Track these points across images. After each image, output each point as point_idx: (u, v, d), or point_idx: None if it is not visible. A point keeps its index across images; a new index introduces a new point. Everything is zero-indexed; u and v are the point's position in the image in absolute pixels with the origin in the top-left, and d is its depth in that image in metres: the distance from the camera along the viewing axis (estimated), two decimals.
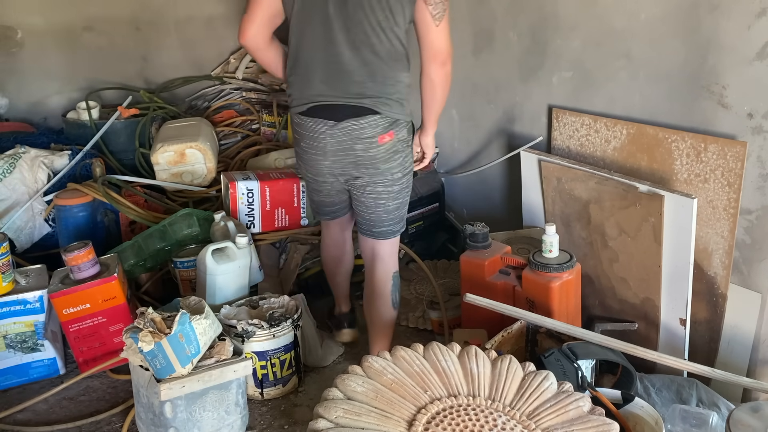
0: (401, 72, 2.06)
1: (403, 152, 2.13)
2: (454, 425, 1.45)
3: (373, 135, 2.04)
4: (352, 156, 2.08)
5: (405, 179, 2.16)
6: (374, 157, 2.07)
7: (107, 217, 2.80)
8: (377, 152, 2.06)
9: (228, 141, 3.42)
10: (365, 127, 2.03)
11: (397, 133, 2.08)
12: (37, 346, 2.31)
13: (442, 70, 2.06)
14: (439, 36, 2.01)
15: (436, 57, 2.03)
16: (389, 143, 2.07)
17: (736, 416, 1.61)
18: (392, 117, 2.06)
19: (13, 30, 3.58)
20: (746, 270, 2.09)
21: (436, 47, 2.02)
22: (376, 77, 2.02)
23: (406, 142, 2.13)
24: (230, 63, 3.70)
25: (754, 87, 1.95)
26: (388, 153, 2.08)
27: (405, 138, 2.12)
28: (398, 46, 2.03)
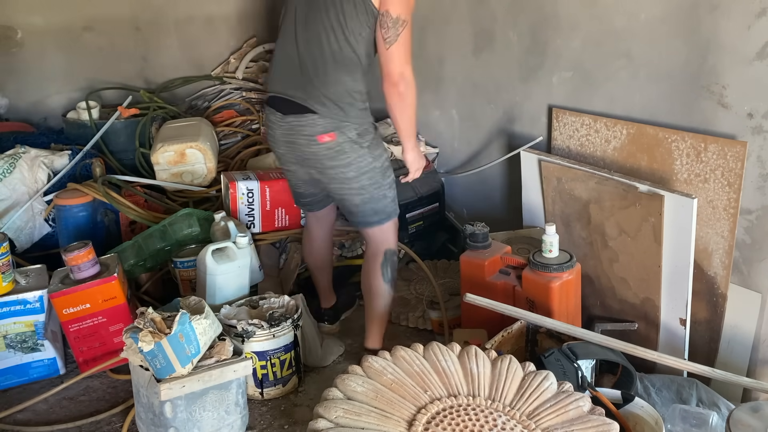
0: (345, 75, 2.08)
1: (353, 153, 2.11)
2: (454, 425, 1.45)
3: (312, 133, 2.09)
4: (297, 150, 2.16)
5: (364, 178, 2.15)
6: (316, 154, 2.12)
7: (107, 217, 2.80)
8: (318, 150, 2.11)
9: (228, 141, 3.42)
10: (305, 125, 2.10)
11: (341, 134, 2.09)
12: (37, 346, 2.31)
13: (393, 90, 2.09)
14: (389, 58, 2.06)
15: (386, 77, 2.09)
16: (331, 143, 2.09)
17: (736, 416, 1.61)
18: (330, 118, 2.07)
19: (13, 30, 3.58)
20: (746, 270, 2.09)
21: (385, 68, 2.08)
22: (318, 77, 2.08)
23: (357, 143, 2.11)
24: (230, 63, 3.70)
25: (754, 87, 1.95)
26: (332, 152, 2.10)
27: (354, 139, 2.10)
28: (347, 50, 2.06)
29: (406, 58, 2.08)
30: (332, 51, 2.07)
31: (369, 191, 2.18)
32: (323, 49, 2.07)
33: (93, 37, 3.65)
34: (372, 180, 2.17)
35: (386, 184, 2.21)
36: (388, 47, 2.05)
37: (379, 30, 2.06)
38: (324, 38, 2.06)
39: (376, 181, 2.18)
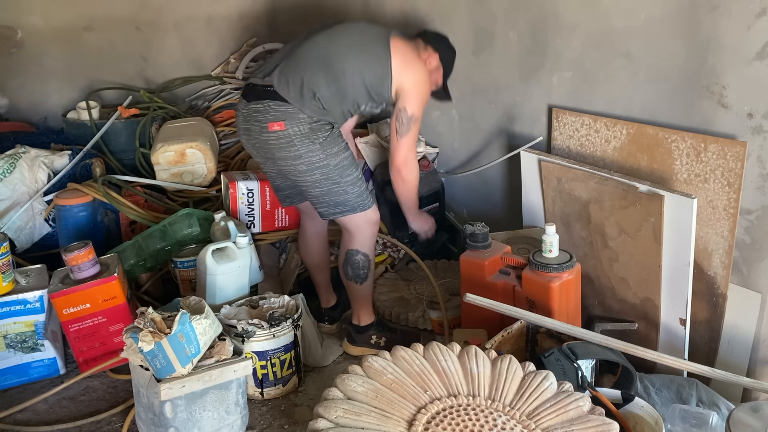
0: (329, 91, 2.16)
1: (303, 147, 2.13)
2: (454, 425, 1.45)
3: (264, 120, 2.14)
4: (253, 138, 2.21)
5: (317, 173, 2.17)
6: (266, 142, 2.17)
7: (107, 217, 2.80)
8: (268, 138, 2.15)
9: (228, 141, 3.42)
10: (260, 111, 2.15)
11: (290, 125, 2.11)
12: (37, 346, 2.31)
13: (397, 175, 2.37)
14: (398, 147, 2.31)
15: (392, 161, 2.35)
16: (280, 132, 2.12)
17: (736, 416, 1.61)
18: (286, 106, 2.11)
19: (13, 30, 3.58)
20: (746, 270, 2.09)
21: (393, 153, 2.33)
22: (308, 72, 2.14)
23: (308, 138, 2.13)
24: (230, 63, 3.70)
25: (754, 87, 1.95)
26: (281, 142, 2.14)
27: (304, 133, 2.13)
28: (350, 87, 2.18)
29: (411, 148, 2.33)
30: (336, 75, 2.16)
31: (325, 185, 2.21)
32: (330, 69, 2.15)
33: (93, 37, 3.65)
34: (326, 176, 2.19)
35: (346, 182, 2.22)
36: (399, 138, 2.29)
37: (393, 120, 2.29)
38: (339, 67, 2.16)
39: (331, 178, 2.20)
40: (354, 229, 2.30)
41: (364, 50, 2.22)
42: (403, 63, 2.24)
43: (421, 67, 2.31)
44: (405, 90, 2.25)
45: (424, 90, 2.32)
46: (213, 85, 3.70)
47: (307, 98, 2.12)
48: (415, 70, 2.28)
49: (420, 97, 2.29)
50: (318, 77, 2.14)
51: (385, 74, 2.21)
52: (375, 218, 2.32)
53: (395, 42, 2.25)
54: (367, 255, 2.34)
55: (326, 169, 2.17)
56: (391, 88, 2.24)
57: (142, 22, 3.68)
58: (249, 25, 3.80)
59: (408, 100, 2.26)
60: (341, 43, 2.22)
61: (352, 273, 2.35)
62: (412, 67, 2.27)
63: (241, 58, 3.63)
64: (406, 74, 2.24)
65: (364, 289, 2.39)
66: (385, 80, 2.22)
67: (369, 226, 2.31)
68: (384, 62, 2.21)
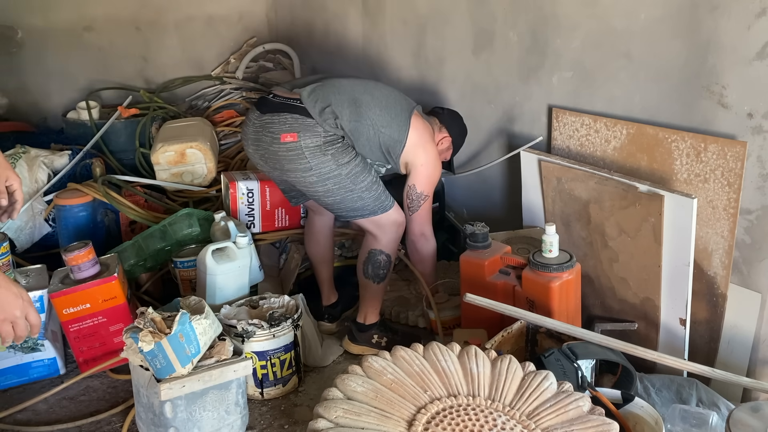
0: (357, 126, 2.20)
1: (314, 159, 2.14)
2: (453, 425, 1.45)
3: (278, 131, 2.15)
4: (261, 148, 2.22)
5: (329, 183, 2.18)
6: (276, 153, 2.17)
7: (107, 217, 2.80)
8: (278, 149, 2.16)
9: (228, 141, 3.42)
10: (274, 122, 2.17)
11: (304, 137, 2.12)
12: (37, 346, 2.31)
13: (413, 246, 2.45)
14: (412, 221, 2.38)
15: (408, 233, 2.42)
16: (291, 144, 2.13)
17: (736, 416, 1.61)
18: (303, 119, 2.13)
19: (13, 30, 3.58)
20: (746, 270, 2.09)
21: (408, 226, 2.40)
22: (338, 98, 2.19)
23: (320, 151, 2.14)
24: (230, 63, 3.71)
25: (754, 87, 1.95)
26: (292, 154, 2.14)
27: (317, 145, 2.13)
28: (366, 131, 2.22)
29: (426, 221, 2.40)
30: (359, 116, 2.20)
31: (339, 194, 2.21)
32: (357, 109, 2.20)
33: (93, 37, 3.65)
34: (339, 185, 2.19)
35: (360, 188, 2.22)
36: (411, 214, 2.37)
37: (404, 198, 2.36)
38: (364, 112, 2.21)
39: (344, 186, 2.20)
40: (377, 230, 2.31)
41: (390, 111, 2.27)
42: (418, 142, 2.30)
43: (432, 149, 2.37)
44: (416, 168, 2.32)
45: (433, 171, 2.36)
46: (213, 85, 3.70)
47: (329, 118, 2.15)
48: (428, 152, 2.34)
49: (428, 177, 2.34)
50: (344, 109, 2.18)
51: (400, 141, 2.27)
52: (399, 219, 2.33)
53: (416, 119, 2.32)
54: (389, 256, 2.35)
55: (338, 179, 2.18)
56: (400, 155, 2.29)
57: (142, 22, 3.68)
58: (249, 25, 3.80)
59: (417, 179, 2.32)
60: (373, 93, 2.28)
61: (372, 272, 2.36)
62: (425, 149, 2.33)
63: (241, 58, 3.64)
64: (419, 153, 2.31)
65: (380, 289, 2.40)
66: (398, 147, 2.28)
67: (393, 227, 2.32)
68: (402, 131, 2.27)
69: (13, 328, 1.53)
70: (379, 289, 2.41)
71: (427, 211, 2.38)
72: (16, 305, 1.53)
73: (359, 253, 2.41)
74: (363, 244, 2.39)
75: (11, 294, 1.52)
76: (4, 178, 1.87)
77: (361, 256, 2.39)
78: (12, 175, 1.88)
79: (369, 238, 2.35)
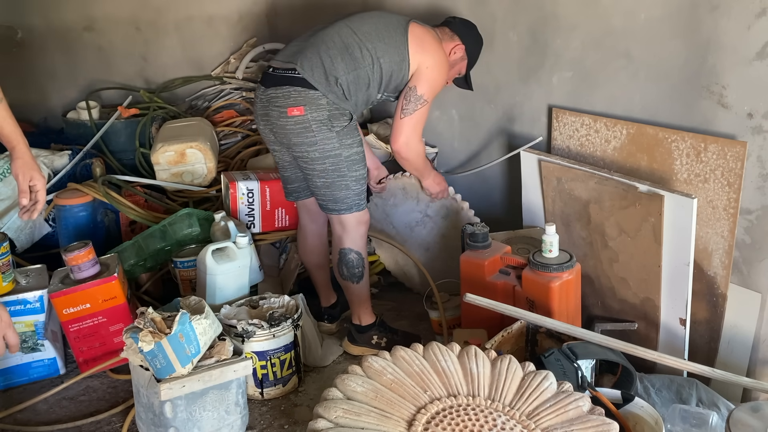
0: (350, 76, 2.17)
1: (320, 134, 2.15)
2: (453, 425, 1.45)
3: (284, 105, 2.15)
4: (270, 123, 2.22)
5: (328, 162, 2.19)
6: (284, 127, 2.18)
7: (107, 217, 2.80)
8: (286, 123, 2.16)
9: (228, 141, 3.41)
10: (279, 96, 2.16)
11: (310, 110, 2.12)
12: (37, 346, 2.31)
13: (397, 155, 2.39)
14: (399, 127, 2.31)
15: (393, 142, 2.36)
16: (299, 117, 2.13)
17: (736, 416, 1.61)
18: (307, 92, 2.13)
19: (13, 30, 3.58)
20: (746, 270, 2.10)
21: (393, 134, 2.34)
22: (330, 54, 2.16)
23: (326, 125, 2.15)
24: (230, 63, 3.70)
25: (754, 87, 1.95)
26: (299, 127, 2.15)
27: (323, 120, 2.14)
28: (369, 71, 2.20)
29: (414, 131, 2.32)
30: (355, 62, 2.18)
31: (331, 176, 2.22)
32: (351, 56, 2.18)
33: (93, 37, 3.64)
34: (335, 166, 2.20)
35: (351, 177, 2.23)
36: (402, 117, 2.29)
37: (401, 98, 2.29)
38: (358, 54, 2.18)
39: (339, 170, 2.21)
40: (346, 228, 2.32)
41: (383, 37, 2.23)
42: (420, 48, 2.26)
43: (438, 52, 2.31)
44: (420, 71, 2.27)
45: (438, 75, 2.32)
46: (213, 85, 3.69)
47: (331, 83, 2.15)
48: (432, 54, 2.29)
49: (432, 81, 2.29)
50: (338, 64, 2.17)
51: (403, 59, 2.24)
52: (366, 218, 2.34)
53: (413, 28, 2.27)
54: (360, 253, 2.35)
55: (337, 159, 2.19)
56: (408, 72, 2.27)
57: (142, 22, 3.67)
58: (249, 25, 3.79)
59: (419, 81, 2.27)
60: (361, 30, 2.23)
61: (347, 272, 2.36)
62: (429, 52, 2.28)
63: (241, 58, 3.63)
64: (423, 58, 2.26)
65: (361, 288, 2.39)
66: (402, 66, 2.25)
67: (360, 225, 2.33)
68: (401, 49, 2.24)
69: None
70: (361, 289, 2.40)
71: (418, 120, 2.31)
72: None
73: (332, 257, 2.42)
74: (332, 247, 2.40)
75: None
76: (29, 177, 1.92)
77: (333, 258, 2.40)
78: (37, 175, 1.94)
79: (336, 238, 2.36)
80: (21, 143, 1.96)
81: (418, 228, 2.80)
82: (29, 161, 1.94)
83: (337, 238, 2.35)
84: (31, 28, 3.57)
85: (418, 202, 2.77)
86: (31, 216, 1.95)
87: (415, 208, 2.78)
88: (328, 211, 2.31)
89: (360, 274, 2.36)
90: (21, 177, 1.92)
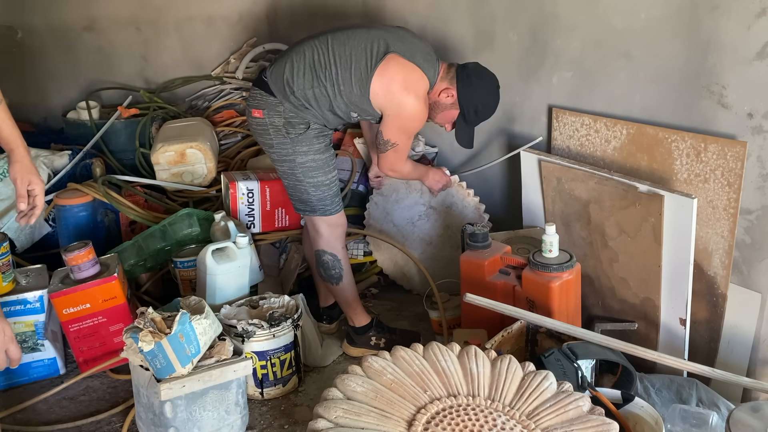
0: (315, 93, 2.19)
1: (276, 138, 2.23)
2: (453, 425, 1.45)
3: (252, 105, 2.28)
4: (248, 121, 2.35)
5: (284, 166, 2.26)
6: (251, 125, 2.32)
7: (107, 217, 2.80)
8: (252, 122, 2.30)
9: (228, 141, 3.41)
10: (251, 97, 2.29)
11: (269, 115, 2.22)
12: (38, 346, 2.31)
13: (384, 174, 2.48)
14: (380, 156, 2.36)
15: (378, 163, 2.44)
16: (259, 119, 2.25)
17: (736, 416, 1.61)
18: (269, 98, 2.21)
19: (13, 30, 3.58)
20: (746, 270, 2.10)
21: (379, 163, 2.42)
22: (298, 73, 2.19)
23: (281, 132, 2.22)
24: (230, 63, 3.70)
25: (754, 87, 1.95)
26: (259, 128, 2.27)
27: (278, 126, 2.21)
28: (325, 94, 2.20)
29: (396, 161, 2.35)
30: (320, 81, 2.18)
31: (290, 179, 2.30)
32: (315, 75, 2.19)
33: (93, 37, 3.64)
34: (291, 171, 2.26)
35: (309, 182, 2.26)
36: (380, 152, 2.34)
37: (378, 132, 2.30)
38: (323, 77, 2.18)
39: (295, 175, 2.26)
40: (317, 229, 2.35)
41: (351, 68, 2.15)
42: (383, 92, 2.15)
43: (403, 99, 2.16)
44: (384, 117, 2.23)
45: (405, 122, 2.21)
46: (213, 85, 3.69)
47: (287, 93, 2.20)
48: (395, 102, 2.17)
49: (397, 128, 2.23)
50: (298, 78, 2.19)
51: (363, 96, 2.17)
52: (339, 221, 2.36)
53: (386, 67, 2.13)
54: (335, 255, 2.36)
55: (292, 165, 2.25)
56: (371, 107, 2.20)
57: (142, 22, 3.67)
58: (249, 25, 3.79)
59: (384, 127, 2.24)
60: (337, 52, 2.17)
61: (325, 274, 2.38)
62: (391, 100, 2.17)
63: (241, 58, 3.63)
64: (384, 105, 2.19)
65: (343, 290, 2.40)
66: (363, 101, 2.19)
67: (331, 228, 2.35)
68: (364, 89, 2.15)
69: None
70: (344, 290, 2.40)
71: (398, 155, 2.31)
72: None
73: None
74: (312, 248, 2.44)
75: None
76: (27, 181, 1.90)
77: (312, 261, 2.45)
78: (35, 180, 1.92)
79: (313, 238, 2.39)
80: (20, 146, 1.94)
81: (420, 222, 2.81)
82: (28, 165, 1.92)
83: (312, 239, 2.40)
84: (31, 28, 3.57)
85: (422, 195, 2.79)
86: (29, 221, 1.93)
87: (419, 201, 2.80)
88: (299, 212, 2.37)
89: (338, 275, 2.37)
90: (19, 181, 1.90)
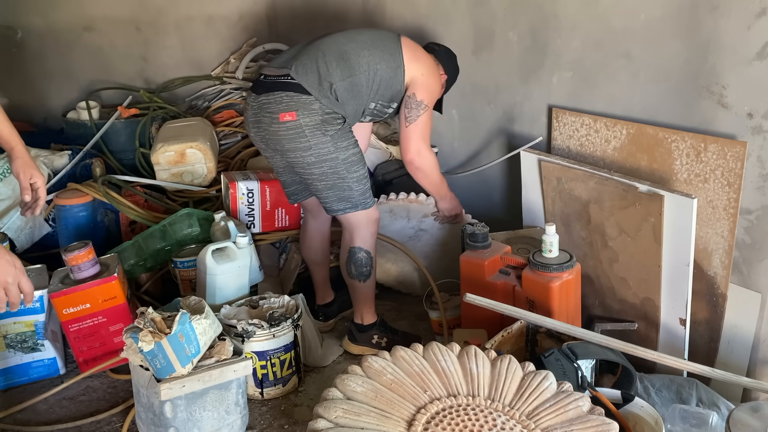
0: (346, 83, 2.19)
1: (314, 138, 2.15)
2: (453, 425, 1.45)
3: (275, 111, 2.15)
4: (262, 130, 2.22)
5: (325, 165, 2.19)
6: (276, 133, 2.17)
7: (107, 217, 2.80)
8: (278, 129, 2.16)
9: (228, 141, 3.41)
10: (271, 102, 2.16)
11: (302, 115, 2.13)
12: (37, 345, 2.31)
13: (411, 166, 2.39)
14: (407, 136, 2.33)
15: (404, 153, 2.37)
16: (291, 123, 2.13)
17: (736, 416, 1.61)
18: (299, 96, 2.13)
19: (13, 30, 3.58)
20: (746, 270, 2.10)
21: (403, 144, 2.36)
22: (326, 59, 2.18)
23: (320, 130, 2.15)
24: (230, 63, 3.70)
25: (754, 87, 1.96)
26: (291, 133, 2.15)
27: (316, 124, 2.14)
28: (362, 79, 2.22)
29: (422, 137, 2.33)
30: (351, 69, 2.20)
31: (331, 179, 2.23)
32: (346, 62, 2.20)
33: (93, 37, 3.64)
34: (333, 170, 2.21)
35: (352, 178, 2.24)
36: (407, 125, 2.31)
37: (402, 108, 2.32)
38: (354, 61, 2.21)
39: (337, 172, 2.21)
40: (356, 226, 2.31)
41: (378, 46, 2.28)
42: (414, 57, 2.32)
43: (430, 62, 2.38)
44: (415, 79, 2.32)
45: (434, 82, 2.37)
46: (213, 85, 3.70)
47: (324, 88, 2.16)
48: (426, 63, 2.35)
49: (429, 87, 2.34)
50: (334, 70, 2.18)
51: (398, 66, 2.28)
52: (376, 216, 2.34)
53: (406, 41, 2.34)
54: (369, 252, 2.35)
55: (334, 163, 2.19)
56: (403, 80, 2.30)
57: (142, 22, 3.67)
58: (249, 25, 3.80)
59: (417, 88, 2.32)
60: (357, 39, 2.28)
61: (356, 271, 2.36)
62: (422, 61, 2.35)
63: (241, 58, 3.63)
64: (417, 66, 2.32)
65: (367, 287, 2.40)
66: (398, 72, 2.28)
67: (370, 223, 2.32)
68: (396, 57, 2.28)
69: (6, 295, 1.59)
70: (367, 288, 2.40)
71: (425, 124, 2.34)
72: (9, 272, 1.59)
73: (340, 255, 2.42)
74: (342, 244, 2.40)
75: (4, 261, 1.58)
76: (29, 175, 2.01)
77: (342, 256, 2.40)
78: (36, 173, 2.03)
79: (347, 235, 2.36)
80: (19, 144, 2.06)
81: (411, 242, 2.79)
82: (28, 160, 2.04)
83: (347, 238, 2.36)
84: (30, 28, 3.57)
85: (408, 220, 2.74)
86: (33, 212, 2.04)
87: (407, 225, 2.76)
88: (334, 212, 2.30)
89: (368, 273, 2.37)
90: (22, 175, 2.01)
